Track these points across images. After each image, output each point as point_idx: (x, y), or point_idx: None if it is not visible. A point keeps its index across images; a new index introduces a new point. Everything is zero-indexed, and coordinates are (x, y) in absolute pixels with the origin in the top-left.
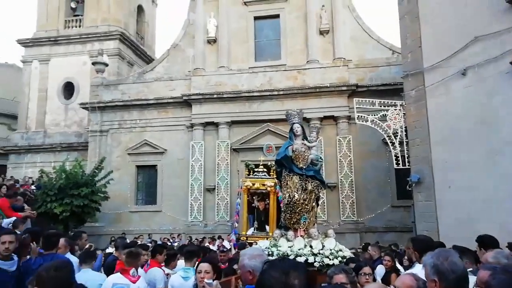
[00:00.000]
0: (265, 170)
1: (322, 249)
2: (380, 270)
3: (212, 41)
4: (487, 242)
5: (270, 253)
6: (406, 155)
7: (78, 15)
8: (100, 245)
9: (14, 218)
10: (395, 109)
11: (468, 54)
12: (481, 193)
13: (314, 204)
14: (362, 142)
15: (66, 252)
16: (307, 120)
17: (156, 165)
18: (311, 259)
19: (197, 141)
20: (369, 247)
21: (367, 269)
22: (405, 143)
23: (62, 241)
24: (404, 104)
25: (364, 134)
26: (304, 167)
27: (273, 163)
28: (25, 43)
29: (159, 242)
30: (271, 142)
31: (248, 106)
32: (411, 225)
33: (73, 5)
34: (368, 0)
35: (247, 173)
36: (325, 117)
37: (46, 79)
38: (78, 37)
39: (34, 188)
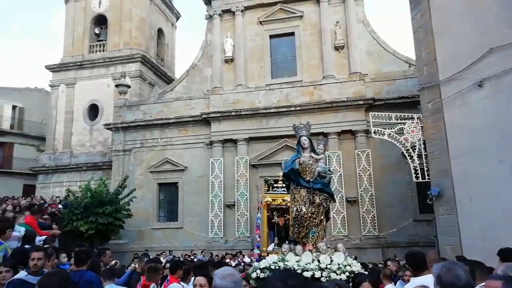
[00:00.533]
0: (284, 185)
1: (330, 264)
2: (400, 285)
3: (229, 60)
4: (508, 254)
5: (277, 267)
6: (425, 168)
7: (101, 40)
8: (124, 261)
9: (45, 236)
10: (412, 122)
11: (484, 65)
12: (503, 204)
13: (322, 217)
14: (382, 156)
15: None
16: (324, 135)
17: (177, 182)
18: (317, 274)
19: (217, 158)
20: (388, 262)
21: (366, 285)
22: (423, 156)
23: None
24: (421, 117)
25: (383, 148)
26: (311, 180)
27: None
28: (53, 68)
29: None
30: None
31: (266, 123)
32: (434, 239)
33: (97, 30)
34: (383, 14)
35: (266, 188)
36: (343, 132)
37: (72, 101)
38: (102, 61)
39: (61, 207)
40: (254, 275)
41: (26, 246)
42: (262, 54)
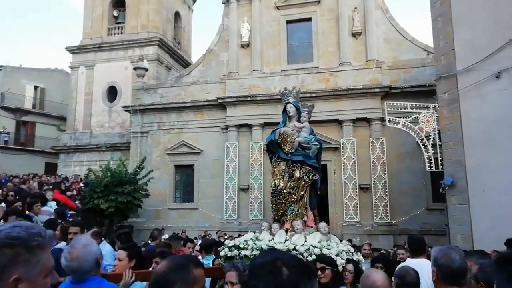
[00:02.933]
0: None
1: (302, 245)
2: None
3: (245, 45)
4: None
5: (245, 246)
6: (439, 158)
7: (120, 23)
8: (141, 238)
9: (71, 212)
10: (428, 112)
11: (502, 56)
12: None
13: (303, 193)
14: (397, 144)
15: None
16: (339, 122)
17: (193, 165)
18: None
19: (232, 142)
20: (397, 250)
21: (349, 266)
22: (438, 145)
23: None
24: (437, 106)
25: (398, 136)
26: (290, 151)
27: None
28: (73, 50)
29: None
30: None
31: (281, 108)
32: (445, 228)
33: (115, 13)
34: (402, 1)
35: None
36: (358, 119)
37: (92, 83)
38: (120, 43)
39: (83, 185)
40: (222, 253)
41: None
42: (278, 39)
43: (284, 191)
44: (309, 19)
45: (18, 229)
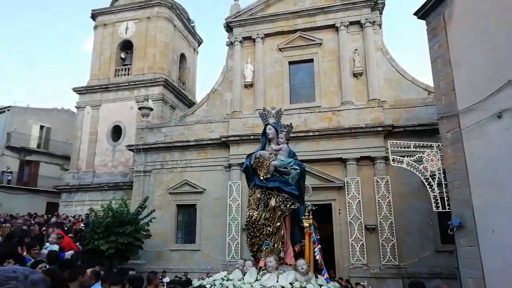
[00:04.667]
0: None
1: (271, 286)
2: None
3: (249, 86)
4: None
5: (212, 287)
6: (445, 197)
7: (127, 64)
8: None
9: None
10: (432, 151)
11: (503, 96)
12: None
13: (279, 224)
14: (402, 183)
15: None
16: (343, 161)
17: (196, 204)
18: None
19: (235, 181)
20: None
21: None
22: (443, 185)
23: (88, 272)
24: (440, 145)
25: (403, 175)
26: (265, 177)
27: (308, 203)
28: (80, 91)
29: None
30: (307, 182)
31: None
32: (456, 271)
33: (122, 55)
34: (401, 42)
35: None
36: (362, 158)
37: (97, 123)
38: (127, 84)
39: (83, 225)
40: None
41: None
42: (281, 79)
43: (259, 222)
44: (311, 60)
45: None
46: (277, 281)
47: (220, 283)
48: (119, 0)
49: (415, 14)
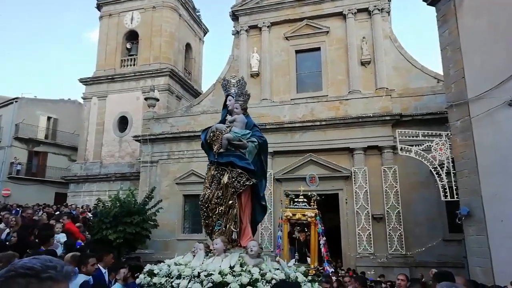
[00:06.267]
0: (305, 200)
1: (212, 270)
2: None
3: (255, 75)
4: None
5: (157, 272)
6: (454, 187)
7: (132, 55)
8: None
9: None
10: (440, 140)
11: None
12: None
13: (232, 202)
14: (410, 173)
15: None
16: (350, 150)
17: None
18: (182, 283)
19: None
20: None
21: None
22: (452, 174)
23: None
24: (449, 134)
25: (411, 164)
26: (217, 151)
27: (314, 193)
28: (86, 82)
29: None
30: (314, 172)
31: (291, 137)
32: (464, 260)
33: (128, 46)
34: (410, 28)
35: (287, 203)
36: (369, 147)
37: (103, 113)
38: (133, 74)
39: (91, 215)
40: (138, 280)
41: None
42: (287, 69)
43: (212, 202)
44: (318, 49)
45: (35, 260)
46: (220, 265)
47: (168, 267)
48: None
49: (424, 0)
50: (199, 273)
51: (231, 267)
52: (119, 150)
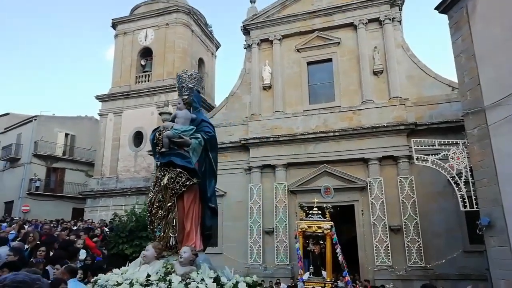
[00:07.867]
0: (319, 212)
1: (127, 278)
2: None
3: (267, 88)
4: None
5: (107, 281)
6: (473, 196)
7: (147, 71)
8: None
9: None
10: (457, 149)
11: None
12: None
13: (171, 205)
14: (426, 182)
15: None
16: (365, 161)
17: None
18: None
19: (255, 183)
20: None
21: None
22: (471, 183)
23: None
24: (466, 142)
25: (428, 174)
26: (161, 151)
27: (329, 205)
28: (102, 98)
29: None
30: (329, 183)
31: (304, 148)
32: (486, 272)
33: (142, 62)
34: (422, 37)
35: (302, 215)
36: (384, 157)
37: (119, 129)
38: (147, 90)
39: (107, 230)
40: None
41: None
42: (299, 80)
43: (154, 205)
44: (330, 60)
45: (21, 275)
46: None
47: (107, 278)
48: (138, 9)
49: (436, 8)
50: (118, 282)
51: (148, 276)
52: (134, 165)
